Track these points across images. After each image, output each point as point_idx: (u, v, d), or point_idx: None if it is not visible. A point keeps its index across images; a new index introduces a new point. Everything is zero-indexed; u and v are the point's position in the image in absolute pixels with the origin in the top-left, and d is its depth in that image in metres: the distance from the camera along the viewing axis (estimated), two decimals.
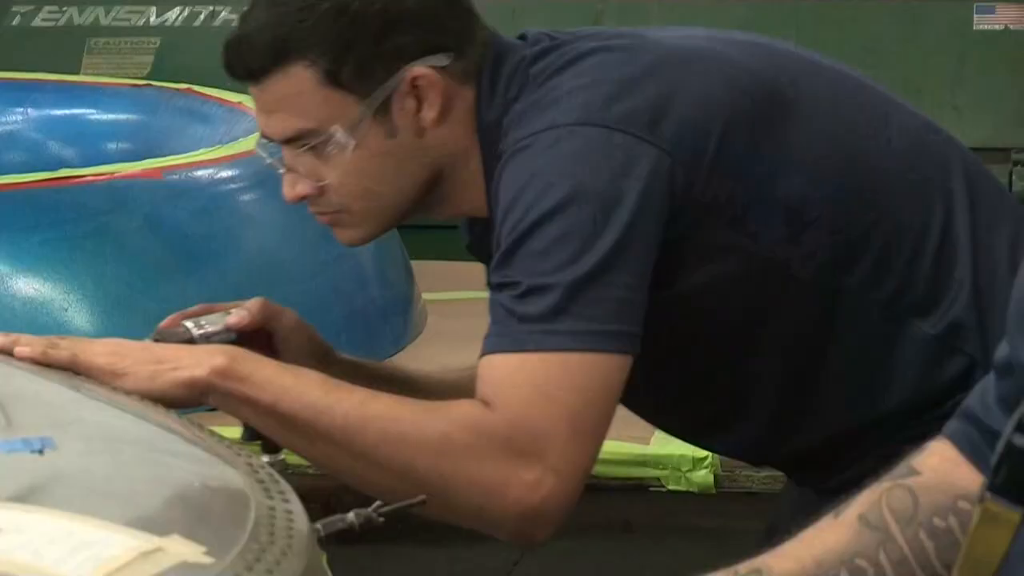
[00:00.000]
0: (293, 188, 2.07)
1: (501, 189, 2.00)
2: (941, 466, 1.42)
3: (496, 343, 1.96)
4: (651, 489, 2.55)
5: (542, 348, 1.94)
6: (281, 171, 2.09)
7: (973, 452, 1.38)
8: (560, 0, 4.94)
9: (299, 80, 2.02)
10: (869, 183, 2.14)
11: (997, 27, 4.67)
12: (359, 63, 2.01)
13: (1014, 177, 4.40)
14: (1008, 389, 1.34)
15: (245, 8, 2.13)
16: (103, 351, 1.96)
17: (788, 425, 2.18)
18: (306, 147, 2.03)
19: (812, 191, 2.09)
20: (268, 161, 2.13)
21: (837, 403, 2.14)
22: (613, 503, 2.81)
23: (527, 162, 1.98)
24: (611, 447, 2.56)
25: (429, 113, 2.02)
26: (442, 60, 2.03)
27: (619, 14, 4.56)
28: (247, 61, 2.05)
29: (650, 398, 2.06)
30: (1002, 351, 1.37)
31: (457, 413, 1.96)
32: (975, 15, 4.71)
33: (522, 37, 2.13)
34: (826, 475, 2.16)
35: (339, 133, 2.01)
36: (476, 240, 2.19)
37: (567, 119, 1.99)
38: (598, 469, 2.55)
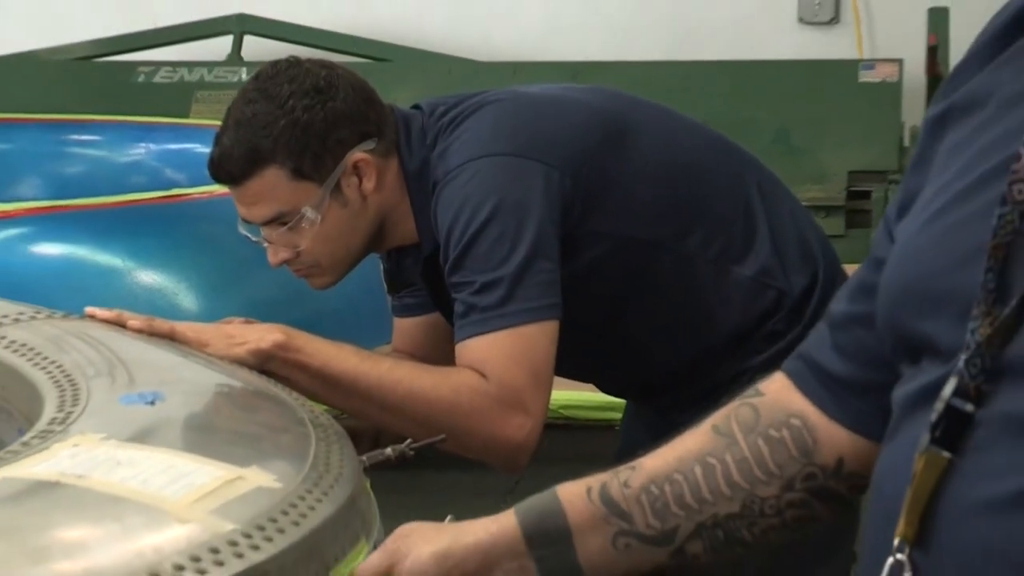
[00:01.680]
0: (276, 256, 2.11)
1: (439, 212, 2.06)
2: (780, 391, 1.42)
3: (470, 330, 2.00)
4: (615, 428, 2.54)
5: (504, 327, 2.00)
6: (265, 245, 2.11)
7: (803, 385, 1.39)
8: (547, 61, 4.94)
9: (272, 179, 2.06)
10: (693, 177, 2.21)
11: (876, 80, 4.67)
12: (314, 158, 2.06)
13: (889, 194, 4.41)
14: (845, 340, 1.35)
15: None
16: (190, 328, 1.98)
17: (650, 361, 2.24)
18: (282, 227, 2.07)
19: (657, 187, 2.17)
20: (254, 239, 2.15)
21: (679, 340, 2.20)
22: (586, 439, 2.79)
23: (457, 189, 2.04)
24: (584, 396, 2.55)
25: (368, 184, 2.08)
26: (370, 144, 2.09)
27: (591, 71, 4.54)
28: (230, 171, 2.08)
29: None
30: (838, 307, 1.38)
31: (461, 379, 2.01)
32: (860, 71, 4.72)
33: (416, 107, 2.19)
34: (671, 398, 2.24)
35: (309, 212, 2.05)
36: (392, 268, 2.27)
37: (480, 153, 2.06)
38: (575, 414, 2.56)
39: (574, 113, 2.18)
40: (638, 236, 2.14)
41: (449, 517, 1.50)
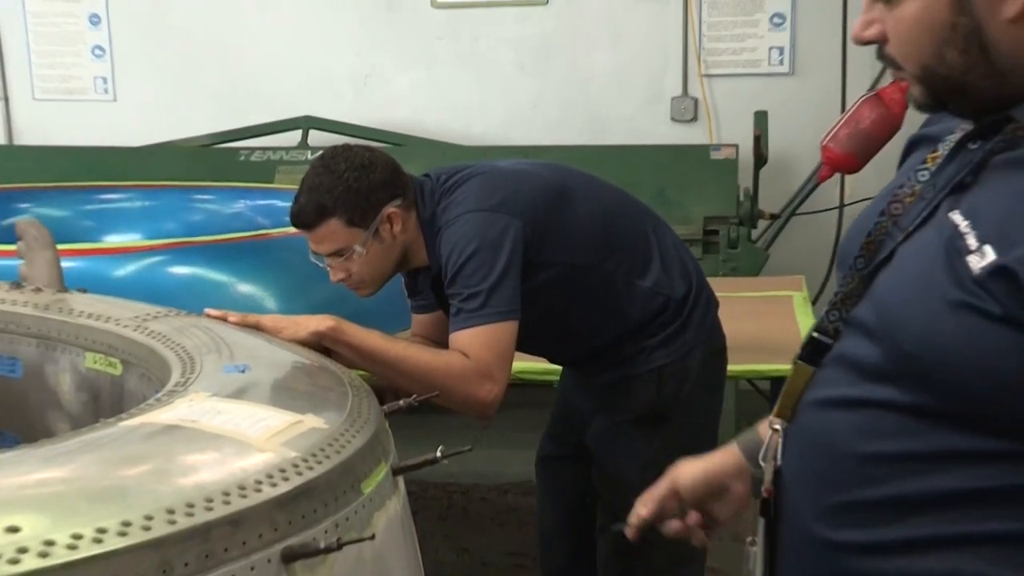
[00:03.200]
0: (335, 276, 2.09)
1: (442, 247, 2.03)
2: None
3: (459, 325, 1.99)
4: (552, 386, 2.52)
5: (481, 323, 1.98)
6: (328, 269, 2.11)
7: None
8: (507, 145, 4.92)
9: (333, 227, 2.04)
10: (611, 221, 2.17)
11: (721, 158, 4.68)
12: (362, 212, 2.03)
13: (730, 231, 4.41)
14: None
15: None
16: (270, 319, 1.97)
17: (579, 344, 2.23)
18: (340, 258, 2.06)
19: (587, 229, 2.13)
20: (320, 265, 2.11)
21: (601, 329, 2.18)
22: (534, 393, 2.77)
23: (454, 233, 2.03)
24: (532, 365, 2.54)
25: (397, 229, 2.06)
26: (398, 202, 2.06)
27: (536, 151, 4.55)
28: (305, 221, 2.05)
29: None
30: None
31: (452, 357, 1.98)
32: (711, 152, 4.73)
33: (426, 175, 2.14)
34: (595, 366, 2.24)
35: (358, 248, 2.04)
36: (410, 282, 2.23)
37: (469, 209, 2.04)
38: (526, 376, 2.55)
39: (531, 180, 2.15)
40: (575, 262, 2.12)
41: (440, 448, 1.47)
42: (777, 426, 1.19)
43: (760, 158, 4.46)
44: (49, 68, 5.56)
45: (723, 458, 1.39)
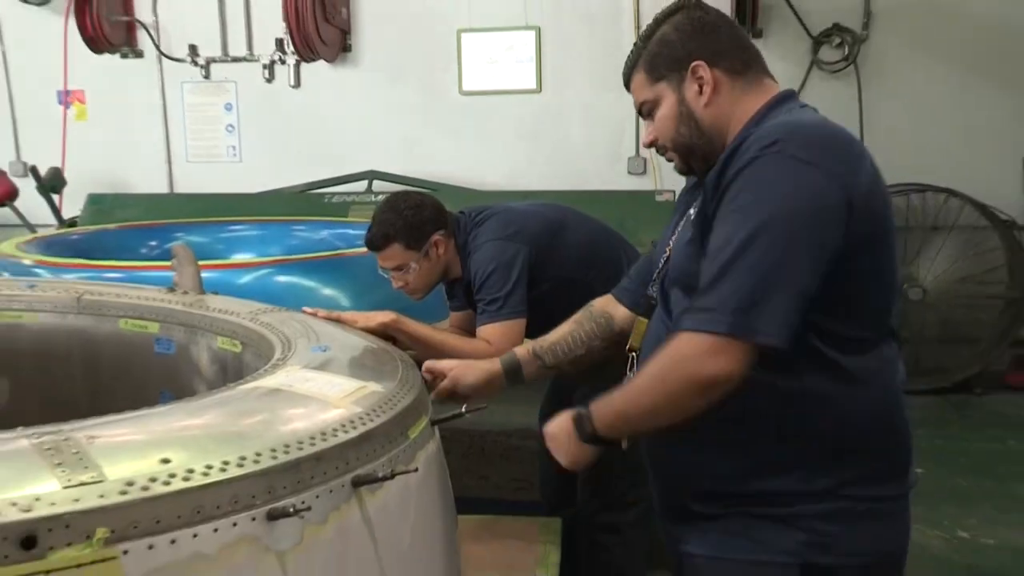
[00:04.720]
0: (396, 284, 2.04)
1: (472, 265, 2.00)
2: (603, 303, 1.60)
3: (484, 320, 1.95)
4: None
5: (499, 320, 1.95)
6: (390, 278, 2.04)
7: (616, 293, 1.60)
8: (511, 190, 4.88)
9: (396, 250, 2.00)
10: (594, 244, 2.12)
11: (664, 200, 4.64)
12: (416, 239, 1.99)
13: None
14: (635, 272, 1.57)
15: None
16: (348, 315, 1.93)
17: None
18: (400, 271, 2.01)
19: (576, 251, 2.08)
20: (386, 276, 2.06)
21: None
22: None
23: (479, 255, 1.99)
24: None
25: (441, 251, 2.01)
26: (442, 232, 2.02)
27: (533, 195, 4.50)
28: (376, 245, 2.01)
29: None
30: (638, 262, 1.59)
31: (478, 344, 1.95)
32: (656, 196, 4.69)
33: (461, 212, 2.09)
34: None
35: (413, 265, 1.99)
36: (449, 289, 2.17)
37: (489, 239, 2.00)
38: None
39: (536, 218, 2.14)
40: (566, 276, 2.10)
41: (464, 406, 1.46)
42: (633, 353, 1.40)
43: None
44: (197, 140, 5.63)
45: (489, 373, 1.60)
